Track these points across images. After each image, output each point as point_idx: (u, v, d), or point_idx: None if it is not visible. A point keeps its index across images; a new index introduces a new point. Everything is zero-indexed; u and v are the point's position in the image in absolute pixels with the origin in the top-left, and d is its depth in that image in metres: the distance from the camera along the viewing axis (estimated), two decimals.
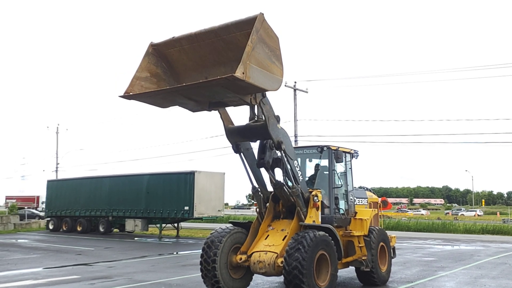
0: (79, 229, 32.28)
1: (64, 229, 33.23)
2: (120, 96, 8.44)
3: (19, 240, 27.09)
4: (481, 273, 14.19)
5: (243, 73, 7.35)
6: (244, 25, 7.88)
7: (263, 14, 7.68)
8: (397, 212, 76.36)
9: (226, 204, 77.25)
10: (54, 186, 35.95)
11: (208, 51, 8.56)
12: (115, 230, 32.69)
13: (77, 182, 34.41)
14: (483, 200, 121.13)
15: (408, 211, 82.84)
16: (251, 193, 10.87)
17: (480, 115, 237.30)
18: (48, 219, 35.22)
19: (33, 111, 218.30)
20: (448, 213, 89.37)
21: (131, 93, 8.41)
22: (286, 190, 10.08)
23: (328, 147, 11.67)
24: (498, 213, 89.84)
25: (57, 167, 51.71)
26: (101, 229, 31.26)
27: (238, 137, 9.81)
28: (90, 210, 31.82)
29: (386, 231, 12.86)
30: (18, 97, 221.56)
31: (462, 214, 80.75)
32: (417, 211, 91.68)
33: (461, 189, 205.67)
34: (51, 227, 34.41)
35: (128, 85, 8.51)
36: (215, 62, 8.66)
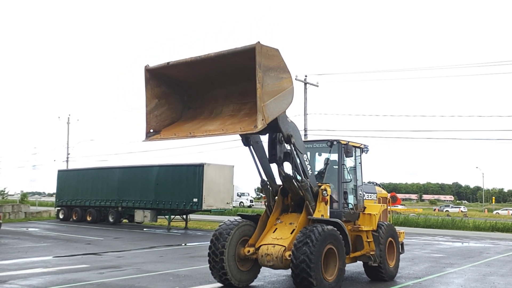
0: (88, 219, 32.54)
1: (74, 218, 33.53)
2: (144, 141, 8.93)
3: (29, 229, 27.39)
4: (490, 270, 14.10)
5: (262, 120, 7.57)
6: (241, 53, 7.88)
7: (260, 43, 7.60)
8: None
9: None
10: (64, 176, 36.25)
11: (209, 70, 8.70)
12: (124, 220, 32.91)
13: (87, 172, 34.65)
14: (493, 197, 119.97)
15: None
16: (260, 186, 10.88)
17: (493, 111, 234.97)
18: (59, 208, 35.55)
19: (44, 101, 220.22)
20: (436, 209, 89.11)
21: (152, 132, 8.88)
22: (295, 183, 10.08)
23: (338, 141, 11.63)
24: (485, 210, 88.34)
25: (67, 157, 52.17)
26: (111, 220, 31.49)
27: None
28: (100, 201, 32.07)
29: (395, 227, 12.82)
30: (30, 87, 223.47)
31: (447, 210, 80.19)
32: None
33: (471, 186, 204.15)
34: (61, 216, 34.74)
35: (146, 124, 8.87)
36: (219, 74, 8.75)
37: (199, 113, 9.36)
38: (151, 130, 8.95)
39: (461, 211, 79.55)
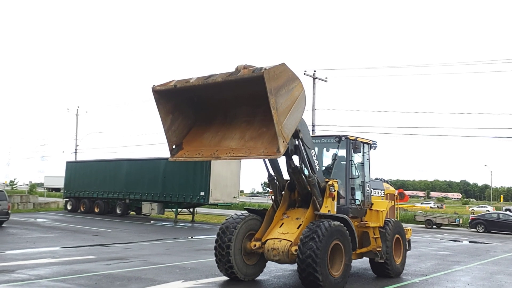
0: (96, 210, 32.76)
1: (82, 210, 33.77)
2: (171, 160, 9.27)
3: (38, 219, 27.63)
4: (497, 269, 14.02)
5: (283, 142, 7.73)
6: (249, 80, 7.88)
7: (266, 69, 7.55)
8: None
9: (242, 191, 77.50)
10: (73, 168, 36.48)
11: (218, 91, 8.82)
12: (131, 212, 33.10)
13: (95, 164, 34.86)
14: (501, 195, 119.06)
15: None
16: (267, 180, 10.87)
17: (503, 109, 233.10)
18: (67, 199, 35.82)
19: (54, 93, 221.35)
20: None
21: (175, 148, 9.15)
22: (303, 176, 10.06)
23: (346, 137, 11.58)
24: (467, 206, 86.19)
25: (76, 149, 52.38)
26: (118, 211, 31.69)
27: None
28: (107, 192, 32.26)
29: (402, 224, 12.77)
30: (40, 79, 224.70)
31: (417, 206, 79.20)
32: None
33: (480, 184, 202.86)
34: (69, 207, 35.00)
35: (168, 143, 9.10)
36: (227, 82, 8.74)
37: (213, 115, 9.41)
38: (174, 146, 9.15)
39: (431, 207, 78.49)
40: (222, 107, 9.32)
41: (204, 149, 8.98)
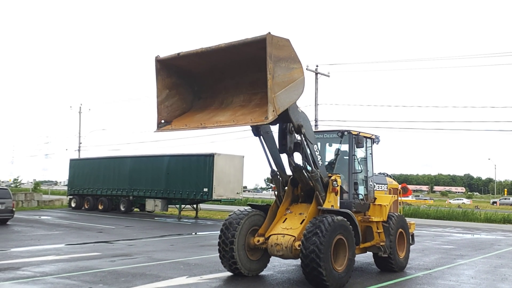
0: (100, 207, 32.88)
1: (86, 207, 33.89)
2: (155, 132, 8.95)
3: (42, 217, 27.74)
4: (501, 262, 14.02)
5: (273, 111, 7.56)
6: (253, 44, 7.85)
7: (270, 33, 7.57)
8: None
9: (245, 187, 77.58)
10: (76, 165, 36.60)
11: (219, 60, 8.68)
12: (135, 209, 33.20)
13: (99, 162, 34.94)
14: (505, 189, 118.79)
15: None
16: (270, 176, 10.88)
17: (506, 102, 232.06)
18: (71, 197, 35.94)
19: (57, 91, 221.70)
20: None
21: (163, 123, 8.89)
22: (305, 173, 10.06)
23: (349, 132, 11.57)
24: (447, 200, 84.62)
25: (79, 147, 52.51)
26: (122, 208, 31.79)
27: None
28: (111, 189, 32.35)
29: (405, 218, 12.77)
30: (43, 77, 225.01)
31: None
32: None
33: (483, 178, 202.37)
34: (73, 205, 35.13)
35: (157, 115, 8.90)
36: (229, 64, 8.72)
37: (210, 103, 9.37)
38: (162, 121, 9.01)
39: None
40: (221, 95, 9.29)
41: (192, 123, 8.91)
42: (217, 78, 9.15)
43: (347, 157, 11.55)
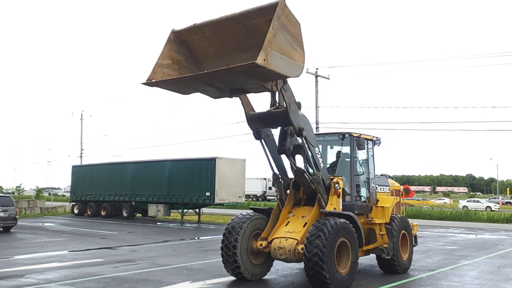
0: (103, 213, 32.90)
1: (89, 213, 33.90)
2: (142, 83, 8.56)
3: (45, 224, 27.76)
4: (505, 262, 13.99)
5: (264, 60, 7.36)
6: (265, 11, 7.83)
7: (286, 5, 7.61)
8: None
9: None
10: (78, 171, 36.63)
11: (230, 37, 8.55)
12: (138, 215, 33.21)
13: (101, 168, 34.97)
14: (507, 189, 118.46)
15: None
16: (271, 179, 10.88)
17: (507, 102, 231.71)
18: (73, 203, 35.97)
19: (58, 98, 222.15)
20: None
21: (153, 80, 8.51)
22: (307, 177, 10.07)
23: (350, 134, 11.58)
24: (434, 201, 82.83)
25: (81, 153, 52.54)
26: (125, 214, 31.80)
27: (259, 123, 9.82)
28: (113, 195, 32.37)
29: (408, 219, 12.76)
30: (44, 84, 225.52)
31: None
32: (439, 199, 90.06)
33: (485, 178, 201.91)
34: (76, 211, 35.15)
35: (151, 73, 8.61)
36: (236, 48, 8.64)
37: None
38: (153, 80, 8.64)
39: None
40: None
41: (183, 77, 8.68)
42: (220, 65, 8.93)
43: (349, 159, 11.55)
